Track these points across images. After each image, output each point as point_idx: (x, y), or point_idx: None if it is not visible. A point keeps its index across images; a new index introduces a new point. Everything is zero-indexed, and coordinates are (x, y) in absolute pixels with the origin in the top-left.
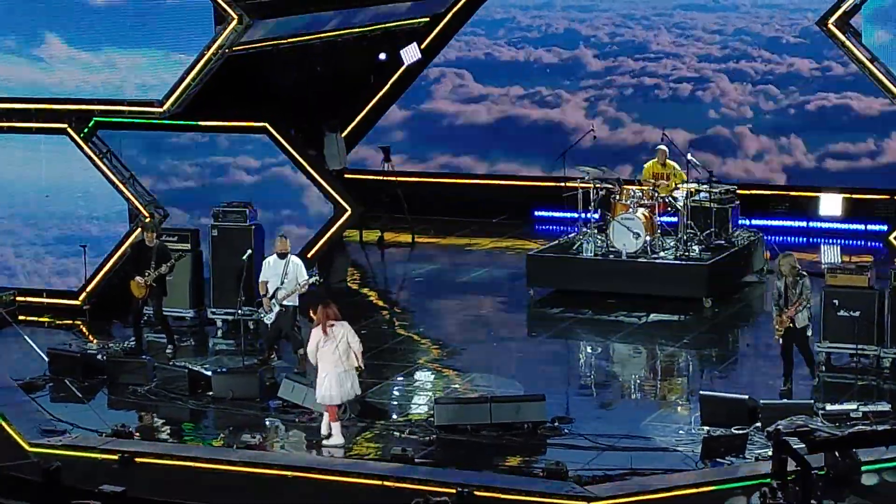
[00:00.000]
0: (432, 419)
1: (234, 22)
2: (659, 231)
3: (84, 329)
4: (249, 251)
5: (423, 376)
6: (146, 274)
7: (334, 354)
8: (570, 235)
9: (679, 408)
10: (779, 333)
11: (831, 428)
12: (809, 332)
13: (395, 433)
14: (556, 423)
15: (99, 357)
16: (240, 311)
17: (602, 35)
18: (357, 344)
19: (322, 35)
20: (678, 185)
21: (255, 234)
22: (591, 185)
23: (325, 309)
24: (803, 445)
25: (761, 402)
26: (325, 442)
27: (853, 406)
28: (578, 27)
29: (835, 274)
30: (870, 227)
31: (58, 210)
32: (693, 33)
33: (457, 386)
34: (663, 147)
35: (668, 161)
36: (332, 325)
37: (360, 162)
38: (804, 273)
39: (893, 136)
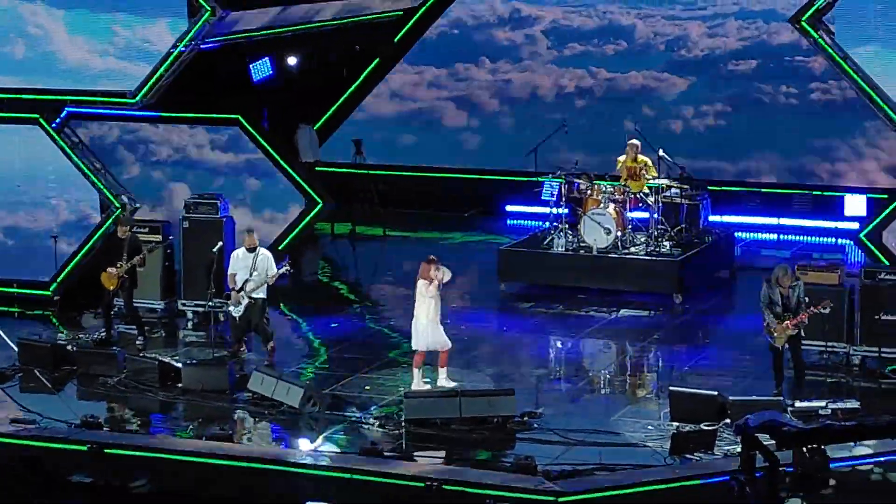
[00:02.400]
0: (402, 413)
1: (207, 14)
2: (630, 227)
3: (54, 319)
4: (220, 243)
5: (394, 370)
6: (118, 266)
7: (418, 308)
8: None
9: (649, 403)
10: (780, 341)
11: (800, 424)
12: None
13: (365, 426)
14: (526, 418)
15: (69, 348)
16: (210, 304)
17: None
18: (435, 286)
19: (294, 28)
20: (650, 181)
21: (226, 227)
22: (562, 180)
23: (422, 265)
24: (772, 441)
25: (731, 398)
26: (440, 382)
27: (822, 403)
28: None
29: (805, 271)
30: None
31: (29, 200)
32: None
33: (427, 380)
34: (635, 141)
35: (639, 156)
36: (420, 281)
37: (331, 154)
38: (798, 277)
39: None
